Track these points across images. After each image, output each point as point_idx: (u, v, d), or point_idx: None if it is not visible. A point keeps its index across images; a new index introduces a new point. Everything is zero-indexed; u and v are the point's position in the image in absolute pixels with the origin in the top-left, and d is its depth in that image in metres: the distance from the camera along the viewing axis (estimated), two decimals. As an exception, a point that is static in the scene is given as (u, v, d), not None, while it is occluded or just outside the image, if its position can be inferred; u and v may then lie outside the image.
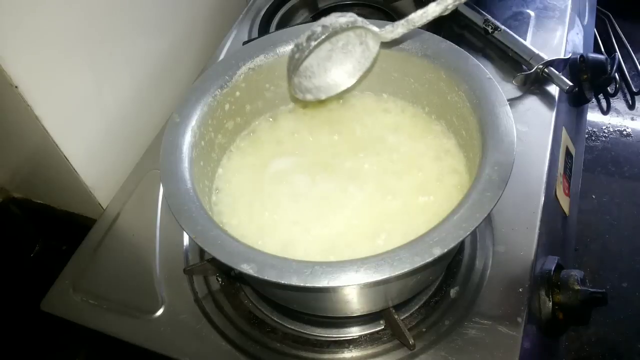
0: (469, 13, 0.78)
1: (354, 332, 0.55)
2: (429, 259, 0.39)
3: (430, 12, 0.43)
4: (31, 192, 0.75)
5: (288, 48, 0.56)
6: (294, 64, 0.47)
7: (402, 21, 0.44)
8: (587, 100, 0.80)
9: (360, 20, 0.46)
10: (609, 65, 0.76)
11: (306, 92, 0.48)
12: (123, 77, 0.70)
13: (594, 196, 1.16)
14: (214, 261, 0.58)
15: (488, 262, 0.57)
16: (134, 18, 0.70)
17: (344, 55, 0.46)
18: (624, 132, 1.27)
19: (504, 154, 0.44)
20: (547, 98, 0.70)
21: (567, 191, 0.69)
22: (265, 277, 0.39)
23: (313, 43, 0.44)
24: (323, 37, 0.44)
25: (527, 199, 0.60)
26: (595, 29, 1.03)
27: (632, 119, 1.29)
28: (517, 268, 0.56)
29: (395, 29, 0.45)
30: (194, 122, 0.51)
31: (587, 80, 0.76)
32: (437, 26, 0.79)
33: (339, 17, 0.45)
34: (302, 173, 0.56)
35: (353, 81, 0.49)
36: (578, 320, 0.56)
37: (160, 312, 0.58)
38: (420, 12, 0.43)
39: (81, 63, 0.63)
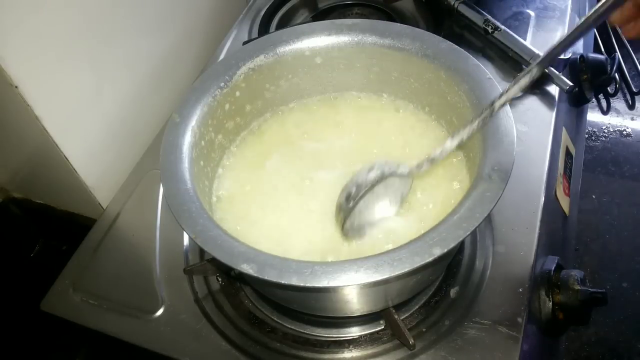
0: (469, 13, 0.78)
1: (354, 332, 0.55)
2: (429, 259, 0.39)
3: (448, 148, 0.47)
4: (31, 192, 0.75)
5: (288, 48, 0.57)
6: (340, 221, 0.49)
7: (426, 160, 0.48)
8: (587, 100, 0.80)
9: (387, 170, 0.48)
10: (609, 65, 0.76)
11: (359, 230, 0.50)
12: (123, 77, 0.70)
13: (594, 196, 1.16)
14: (214, 261, 0.58)
15: (488, 262, 0.57)
16: (134, 18, 0.70)
17: (385, 189, 0.49)
18: (624, 132, 1.27)
19: (504, 154, 0.44)
20: (547, 98, 0.70)
21: (567, 191, 0.69)
22: (265, 277, 0.39)
23: (352, 203, 0.47)
24: (359, 197, 0.47)
25: (527, 199, 0.60)
26: (595, 29, 1.02)
27: (632, 119, 1.29)
28: (517, 268, 0.56)
29: (421, 167, 0.48)
30: (194, 122, 0.51)
31: (587, 80, 0.76)
32: (437, 26, 0.79)
33: (368, 173, 0.48)
34: (302, 173, 0.56)
35: (396, 209, 0.51)
36: (578, 320, 0.56)
37: (160, 312, 0.58)
38: (439, 149, 0.47)
39: (81, 63, 0.63)
